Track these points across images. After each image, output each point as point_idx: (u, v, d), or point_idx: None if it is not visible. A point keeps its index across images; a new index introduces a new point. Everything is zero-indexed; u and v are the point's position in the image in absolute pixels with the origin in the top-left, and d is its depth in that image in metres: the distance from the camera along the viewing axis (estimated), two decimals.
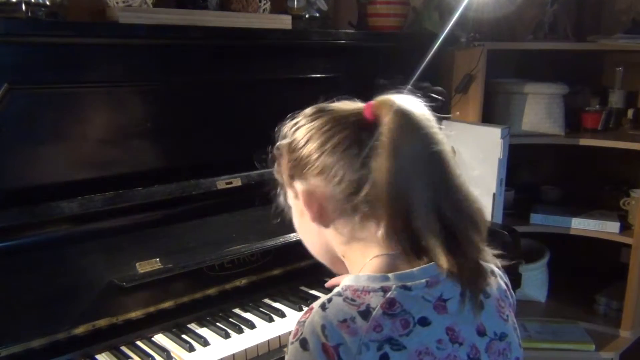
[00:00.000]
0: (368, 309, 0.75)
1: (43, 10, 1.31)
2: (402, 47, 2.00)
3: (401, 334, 0.74)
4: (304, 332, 0.76)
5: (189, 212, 1.48)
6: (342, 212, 0.83)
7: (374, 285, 0.78)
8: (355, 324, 0.74)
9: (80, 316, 1.24)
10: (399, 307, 0.76)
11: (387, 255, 0.82)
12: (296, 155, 0.85)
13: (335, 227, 0.85)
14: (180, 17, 1.48)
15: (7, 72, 1.25)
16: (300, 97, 1.54)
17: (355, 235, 0.84)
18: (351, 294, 0.77)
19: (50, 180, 1.35)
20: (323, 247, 0.90)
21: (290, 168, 0.87)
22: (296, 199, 0.89)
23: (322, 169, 0.82)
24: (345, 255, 0.87)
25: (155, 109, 1.52)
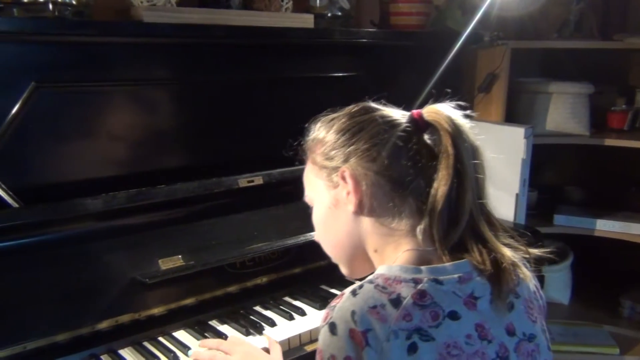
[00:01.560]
0: (399, 297, 0.76)
1: (69, 9, 1.33)
2: (424, 46, 1.99)
3: (430, 325, 0.75)
4: (333, 316, 0.77)
5: (211, 209, 1.49)
6: (385, 202, 0.85)
7: (406, 276, 0.79)
8: (385, 311, 0.75)
9: (103, 311, 1.26)
10: (430, 299, 0.77)
11: (419, 250, 0.84)
12: (345, 142, 0.88)
13: (376, 217, 0.87)
14: (204, 16, 1.49)
15: (34, 71, 1.27)
16: (322, 96, 1.55)
17: (393, 227, 0.86)
18: (383, 282, 0.78)
19: (74, 177, 1.37)
20: (351, 241, 0.91)
21: (333, 156, 0.89)
22: (332, 188, 0.90)
23: (374, 157, 0.85)
24: (378, 249, 0.88)
25: (178, 107, 1.54)
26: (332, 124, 0.92)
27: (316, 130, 0.95)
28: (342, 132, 0.89)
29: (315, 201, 0.95)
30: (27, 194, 1.29)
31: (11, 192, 1.27)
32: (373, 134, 0.86)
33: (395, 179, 0.85)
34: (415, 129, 0.87)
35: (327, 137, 0.91)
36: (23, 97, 1.26)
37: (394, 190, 0.85)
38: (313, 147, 0.94)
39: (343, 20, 1.91)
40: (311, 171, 0.95)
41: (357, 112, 0.91)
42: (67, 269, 1.25)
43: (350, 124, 0.89)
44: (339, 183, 0.89)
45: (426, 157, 0.85)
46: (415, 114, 0.88)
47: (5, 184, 1.26)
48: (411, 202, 0.85)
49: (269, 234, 1.53)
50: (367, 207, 0.87)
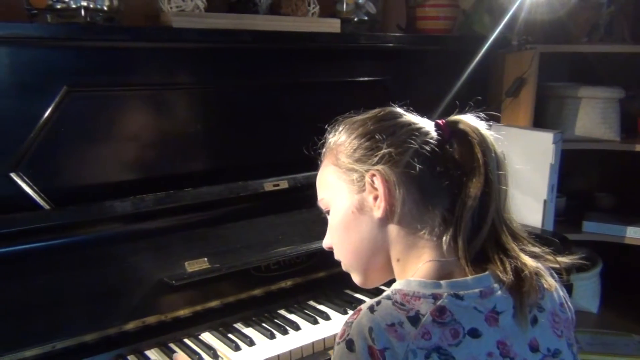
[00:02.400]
0: (417, 315, 0.74)
1: (101, 15, 1.36)
2: (451, 51, 1.98)
3: (450, 344, 0.73)
4: (350, 333, 0.75)
5: (237, 213, 1.50)
6: (414, 210, 0.84)
7: (425, 291, 0.77)
8: (403, 329, 0.73)
9: (130, 312, 1.27)
10: (450, 316, 0.75)
11: (441, 262, 0.82)
12: (374, 146, 0.85)
13: (404, 224, 0.85)
14: (231, 22, 1.50)
15: (66, 75, 1.30)
16: (348, 100, 1.55)
17: (420, 235, 0.84)
18: (401, 298, 0.77)
19: (103, 180, 1.40)
20: (373, 248, 0.88)
21: (361, 159, 0.86)
22: (357, 192, 0.87)
23: (405, 164, 0.83)
24: (401, 258, 0.86)
25: (205, 111, 1.55)
26: (356, 126, 0.89)
27: (339, 132, 0.92)
28: (369, 135, 0.87)
29: (333, 205, 0.92)
30: (58, 195, 1.31)
31: (43, 193, 1.29)
32: (404, 139, 0.84)
33: (425, 186, 0.83)
34: (442, 137, 0.86)
35: (353, 140, 0.88)
36: (55, 101, 1.29)
37: (423, 198, 0.83)
38: (335, 148, 0.91)
39: (369, 24, 1.91)
40: (332, 173, 0.91)
41: (384, 116, 0.89)
42: (96, 270, 1.27)
43: (379, 127, 0.87)
44: (365, 187, 0.86)
45: (453, 167, 0.84)
46: (441, 123, 0.87)
47: (37, 186, 1.29)
48: (438, 212, 0.83)
49: (293, 238, 1.54)
50: (396, 215, 0.84)
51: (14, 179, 1.26)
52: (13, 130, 1.26)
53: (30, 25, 1.30)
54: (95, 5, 1.34)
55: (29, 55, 1.26)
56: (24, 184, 1.27)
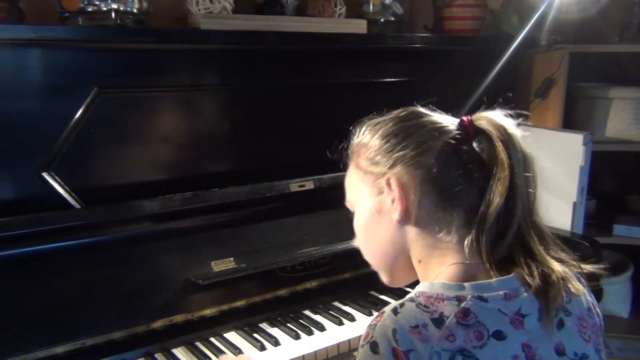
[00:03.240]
0: (441, 317, 0.74)
1: (131, 17, 1.38)
2: (479, 51, 1.96)
3: (475, 346, 0.72)
4: (374, 335, 0.75)
5: (263, 213, 1.51)
6: (432, 212, 0.83)
7: (449, 294, 0.76)
8: (427, 331, 0.73)
9: (158, 311, 1.29)
10: (474, 318, 0.74)
11: (464, 264, 0.81)
12: (392, 148, 0.85)
13: (422, 227, 0.84)
14: (258, 23, 1.51)
15: (96, 77, 1.32)
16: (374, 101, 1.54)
17: (440, 238, 0.83)
18: (424, 301, 0.76)
19: (132, 180, 1.42)
20: (394, 250, 0.88)
21: (379, 161, 0.86)
22: (377, 194, 0.87)
23: (423, 165, 0.82)
24: (422, 259, 0.86)
25: (232, 112, 1.56)
26: (378, 127, 0.89)
27: (361, 133, 0.92)
28: (389, 136, 0.86)
29: (357, 206, 0.92)
30: (88, 195, 1.34)
31: (73, 193, 1.32)
32: (422, 140, 0.83)
33: (444, 188, 0.82)
34: (465, 136, 0.84)
35: (373, 141, 0.88)
36: (86, 102, 1.31)
37: (442, 200, 0.82)
38: (357, 150, 0.91)
39: (396, 25, 1.90)
40: (354, 175, 0.92)
41: (405, 116, 0.88)
42: (125, 268, 1.29)
43: (398, 128, 0.86)
44: (383, 190, 0.86)
45: (477, 167, 0.82)
46: (465, 120, 0.85)
47: (68, 186, 1.31)
48: (459, 213, 0.82)
49: (319, 239, 1.54)
50: (413, 217, 0.84)
51: (46, 179, 1.29)
52: (45, 130, 1.29)
53: (62, 27, 1.33)
54: (125, 7, 1.36)
55: (61, 57, 1.29)
56: (55, 184, 1.30)
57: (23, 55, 1.24)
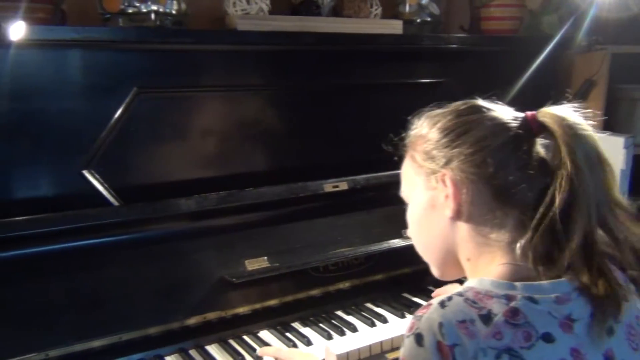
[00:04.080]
0: (489, 314, 0.72)
1: (170, 19, 1.40)
2: (517, 52, 1.93)
3: (522, 346, 0.71)
4: (420, 327, 0.73)
5: (296, 213, 1.52)
6: (486, 211, 0.81)
7: (498, 291, 0.75)
8: (474, 327, 0.71)
9: (192, 308, 1.31)
10: (523, 318, 0.72)
11: (514, 265, 0.79)
12: (448, 143, 0.83)
13: (474, 224, 0.82)
14: (294, 24, 1.52)
15: (136, 77, 1.35)
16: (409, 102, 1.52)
17: (491, 237, 0.81)
18: (473, 296, 0.75)
19: (169, 178, 1.44)
20: (444, 245, 0.86)
21: (434, 156, 0.84)
22: (431, 189, 0.85)
23: (479, 163, 0.80)
24: (471, 258, 0.84)
25: (267, 113, 1.58)
26: (436, 120, 0.86)
27: (419, 125, 0.89)
28: (446, 131, 0.84)
29: (411, 199, 0.90)
30: (126, 192, 1.36)
31: (112, 190, 1.35)
32: (479, 137, 0.81)
33: (500, 188, 0.79)
34: (527, 133, 0.81)
35: (430, 135, 0.86)
36: (126, 102, 1.34)
37: (497, 200, 0.80)
38: (414, 143, 0.89)
39: (432, 25, 1.89)
40: (410, 167, 0.89)
41: (464, 110, 0.85)
42: (160, 265, 1.31)
43: (456, 123, 0.84)
44: (437, 185, 0.84)
45: (537, 167, 0.79)
46: (529, 115, 0.81)
47: (107, 183, 1.34)
48: (515, 214, 0.80)
49: (352, 240, 1.54)
50: (465, 214, 0.82)
51: (86, 176, 1.32)
52: (86, 129, 1.32)
53: (103, 29, 1.36)
54: (165, 9, 1.38)
55: (102, 58, 1.32)
56: (95, 181, 1.33)
57: (65, 56, 1.27)
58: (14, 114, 1.23)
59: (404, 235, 1.57)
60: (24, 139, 1.25)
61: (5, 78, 1.20)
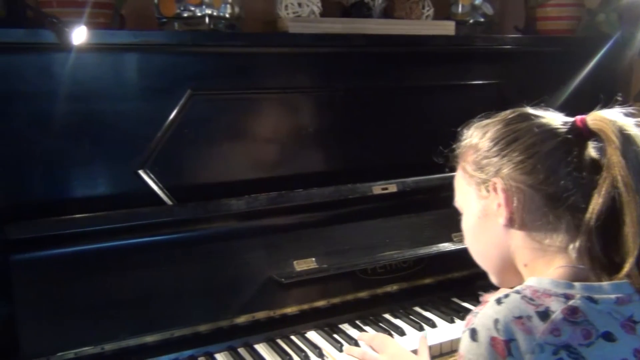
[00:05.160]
0: (547, 311, 0.72)
1: (223, 22, 1.43)
2: (574, 53, 1.88)
3: (581, 344, 0.70)
4: (475, 322, 0.75)
5: (345, 215, 1.52)
6: (538, 217, 0.81)
7: (557, 290, 0.75)
8: (531, 323, 0.72)
9: (241, 307, 1.33)
10: (582, 316, 0.72)
11: (573, 267, 0.79)
12: (497, 152, 0.84)
13: (528, 230, 0.83)
14: (345, 26, 1.53)
15: (190, 79, 1.38)
16: (461, 104, 1.51)
17: (546, 243, 0.82)
18: (530, 293, 0.75)
19: (221, 179, 1.46)
20: (500, 252, 0.87)
21: (484, 166, 0.85)
22: (483, 198, 0.86)
23: (529, 170, 0.81)
24: (528, 263, 0.84)
25: (318, 114, 1.58)
26: (485, 130, 0.88)
27: (468, 136, 0.91)
28: (495, 140, 0.85)
29: (464, 209, 0.92)
30: (180, 192, 1.39)
31: (166, 190, 1.38)
32: (529, 144, 0.82)
33: (551, 194, 0.80)
34: (577, 138, 0.81)
35: (479, 145, 0.87)
36: (180, 104, 1.37)
37: (549, 205, 0.80)
38: (464, 153, 0.90)
39: (486, 26, 1.86)
40: (462, 178, 0.91)
41: (512, 119, 0.86)
42: (211, 264, 1.34)
43: (505, 132, 0.85)
44: (489, 194, 0.85)
45: (588, 171, 0.79)
46: (578, 120, 0.82)
47: (161, 183, 1.38)
48: (568, 219, 0.80)
49: (401, 243, 1.53)
50: (518, 222, 0.83)
51: (141, 176, 1.36)
52: (142, 130, 1.35)
53: (160, 32, 1.40)
54: (219, 12, 1.41)
55: (158, 61, 1.35)
56: (150, 181, 1.36)
57: (123, 59, 1.31)
58: (74, 115, 1.28)
59: (454, 239, 1.55)
60: (84, 139, 1.30)
61: (67, 80, 1.25)
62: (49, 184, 1.28)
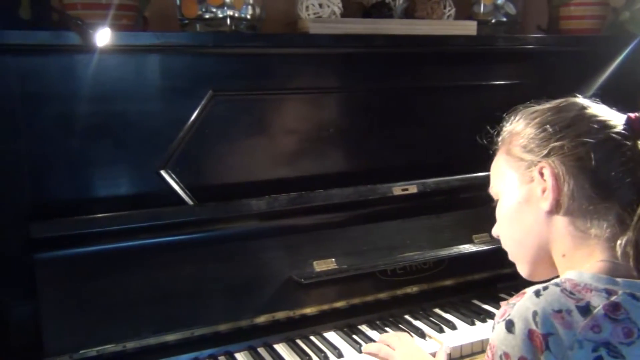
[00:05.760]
0: (588, 306, 0.71)
1: (244, 23, 1.43)
2: (598, 52, 1.85)
3: (621, 342, 0.69)
4: (512, 314, 0.73)
5: (365, 216, 1.52)
6: (586, 205, 0.80)
7: (598, 285, 0.73)
8: (571, 317, 0.70)
9: (261, 307, 1.34)
10: (624, 313, 0.71)
11: (614, 263, 0.77)
12: (549, 137, 0.83)
13: (573, 217, 0.81)
14: (366, 27, 1.52)
15: (212, 80, 1.39)
16: (484, 105, 1.49)
17: (590, 232, 0.80)
18: (570, 287, 0.74)
19: (242, 179, 1.47)
20: (537, 241, 0.85)
21: (533, 149, 0.84)
22: (527, 182, 0.85)
23: (582, 157, 0.80)
24: (567, 253, 0.83)
25: (339, 115, 1.58)
26: (534, 115, 0.87)
27: (515, 121, 0.90)
28: (547, 125, 0.84)
29: (502, 194, 0.90)
30: (201, 192, 1.40)
31: (187, 190, 1.39)
32: (582, 132, 0.81)
33: (601, 183, 0.79)
34: (631, 133, 0.80)
35: (528, 129, 0.86)
36: (202, 104, 1.38)
37: (599, 194, 0.79)
38: (510, 138, 0.89)
39: (508, 26, 1.84)
40: (505, 162, 0.89)
41: (565, 107, 0.86)
42: (231, 264, 1.35)
43: (558, 118, 0.84)
44: (534, 178, 0.84)
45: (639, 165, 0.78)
46: (633, 116, 0.81)
47: (182, 183, 1.39)
48: (615, 210, 0.78)
49: (421, 244, 1.52)
50: (563, 208, 0.81)
51: (163, 176, 1.37)
52: (164, 130, 1.37)
53: (182, 33, 1.41)
54: (240, 14, 1.42)
55: (180, 62, 1.36)
56: (171, 181, 1.38)
57: (146, 60, 1.33)
58: (98, 115, 1.30)
59: (474, 240, 1.54)
60: (106, 139, 1.32)
61: (91, 81, 1.27)
62: (73, 184, 1.30)
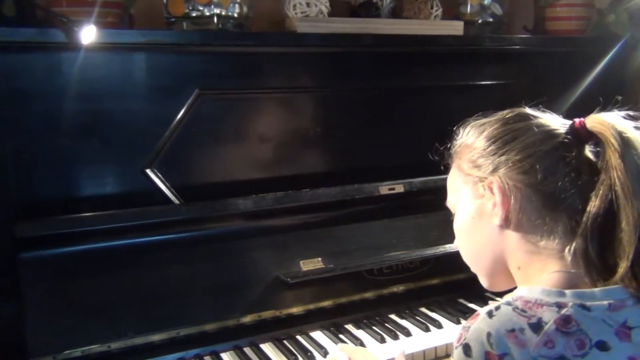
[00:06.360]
0: (539, 322, 0.71)
1: (231, 22, 1.43)
2: (583, 53, 1.87)
3: (575, 355, 0.70)
4: (467, 337, 0.73)
5: (351, 215, 1.52)
6: (535, 218, 0.80)
7: (549, 300, 0.73)
8: (524, 336, 0.71)
9: (248, 306, 1.33)
10: (575, 325, 0.71)
11: (566, 272, 0.78)
12: (495, 151, 0.83)
13: (523, 232, 0.82)
14: (354, 26, 1.52)
15: (198, 79, 1.38)
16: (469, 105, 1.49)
17: (540, 245, 0.80)
18: (522, 305, 0.74)
19: (228, 178, 1.47)
20: (493, 254, 0.86)
21: (481, 164, 0.84)
22: (478, 197, 0.85)
23: (527, 169, 0.80)
24: (521, 266, 0.83)
25: (325, 114, 1.58)
26: (482, 129, 0.87)
27: (465, 134, 0.90)
28: (493, 139, 0.84)
29: (457, 208, 0.91)
30: (187, 191, 1.40)
31: (173, 189, 1.38)
32: (527, 144, 0.81)
33: (549, 194, 0.79)
34: (576, 140, 0.80)
35: (476, 143, 0.86)
36: (188, 103, 1.38)
37: (546, 206, 0.79)
38: (460, 152, 0.89)
39: (495, 26, 1.85)
40: (456, 177, 0.90)
41: (511, 118, 0.85)
42: (218, 263, 1.34)
43: (503, 131, 0.84)
44: (484, 193, 0.84)
45: (586, 173, 0.78)
46: (577, 123, 0.80)
47: (168, 182, 1.38)
48: (564, 221, 0.79)
49: (407, 243, 1.53)
50: (513, 222, 0.81)
51: (148, 175, 1.36)
52: (150, 129, 1.36)
53: (168, 32, 1.40)
54: (227, 12, 1.41)
55: (166, 60, 1.36)
56: (157, 180, 1.37)
57: (132, 59, 1.32)
58: (83, 114, 1.29)
59: None
60: (92, 138, 1.31)
61: (76, 79, 1.26)
62: (57, 183, 1.29)
